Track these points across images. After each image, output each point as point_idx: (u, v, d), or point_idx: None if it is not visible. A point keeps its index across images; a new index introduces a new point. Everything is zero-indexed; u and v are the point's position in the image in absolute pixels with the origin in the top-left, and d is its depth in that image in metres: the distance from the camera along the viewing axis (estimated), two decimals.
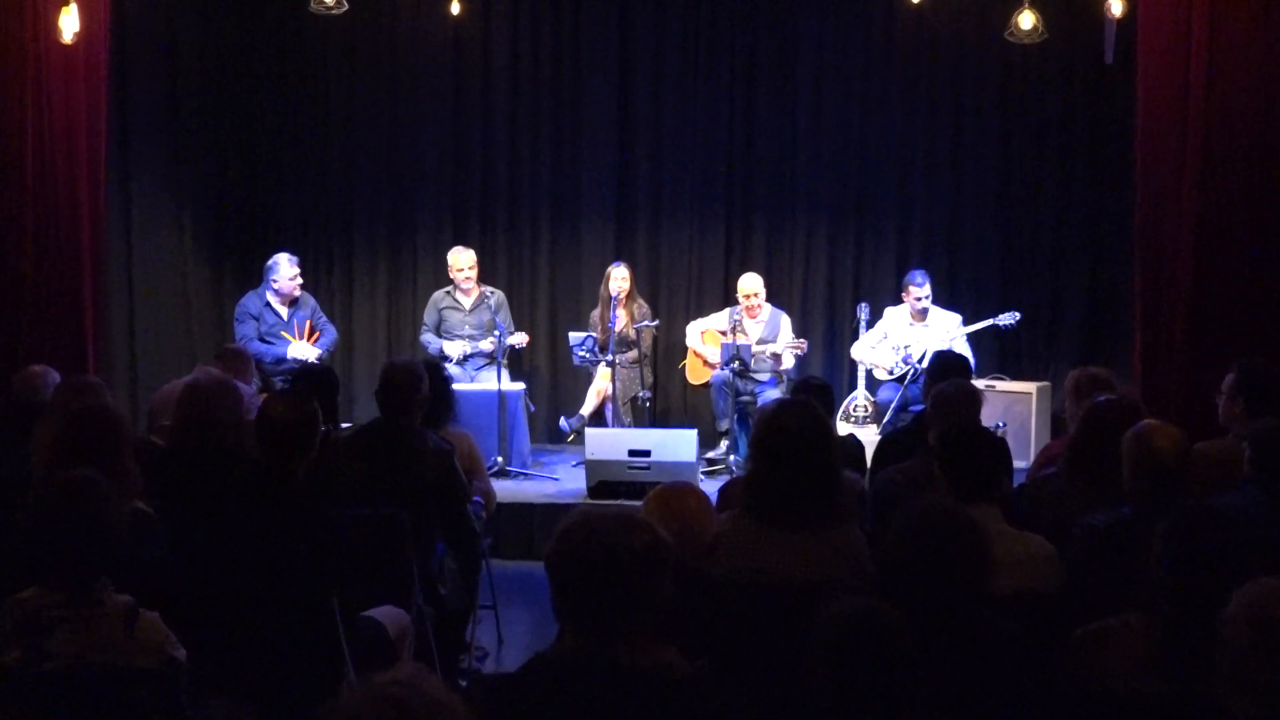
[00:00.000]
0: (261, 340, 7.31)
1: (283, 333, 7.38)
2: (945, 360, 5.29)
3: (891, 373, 7.58)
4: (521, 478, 7.26)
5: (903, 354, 7.55)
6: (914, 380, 7.25)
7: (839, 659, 2.26)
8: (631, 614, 2.11)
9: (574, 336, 7.70)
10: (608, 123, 8.68)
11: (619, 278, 7.83)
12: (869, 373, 7.73)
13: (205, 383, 4.25)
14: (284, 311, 7.44)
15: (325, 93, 8.79)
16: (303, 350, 7.29)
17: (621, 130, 8.71)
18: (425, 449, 4.24)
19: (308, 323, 7.47)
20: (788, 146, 8.63)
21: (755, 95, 8.61)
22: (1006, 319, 7.61)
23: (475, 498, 4.61)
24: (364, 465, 4.12)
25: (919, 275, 7.62)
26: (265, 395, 4.51)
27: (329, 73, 8.78)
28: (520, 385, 7.61)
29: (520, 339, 7.67)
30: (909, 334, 7.62)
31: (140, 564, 3.12)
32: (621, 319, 7.79)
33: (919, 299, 7.56)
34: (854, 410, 7.68)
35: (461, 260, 7.84)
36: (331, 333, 7.71)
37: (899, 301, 7.80)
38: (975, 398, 4.37)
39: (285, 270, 7.39)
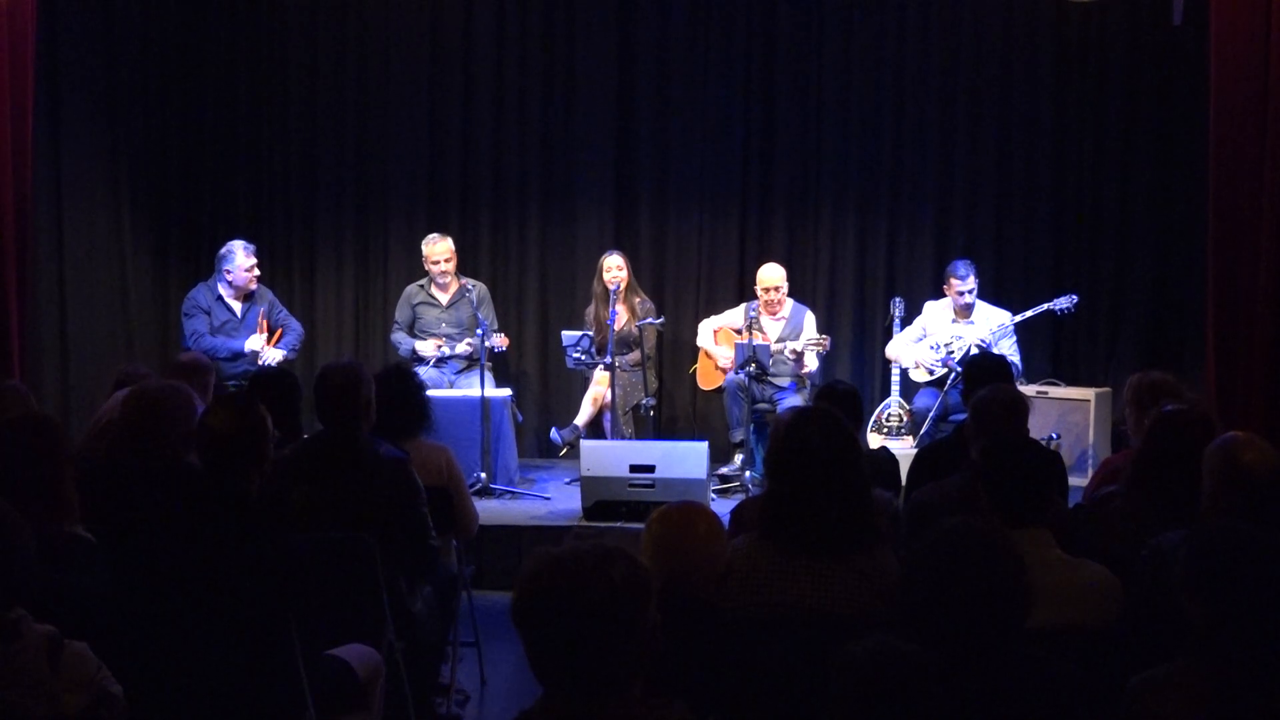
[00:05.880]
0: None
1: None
2: (981, 364, 5.32)
3: (932, 374, 7.58)
4: (508, 497, 7.26)
5: (943, 354, 7.55)
6: (955, 385, 7.26)
7: (855, 706, 2.24)
8: (618, 661, 2.10)
9: (567, 336, 7.70)
10: (606, 91, 8.68)
11: (614, 267, 7.84)
12: (904, 376, 7.74)
13: (151, 388, 4.25)
14: (238, 306, 7.46)
15: (283, 61, 8.80)
16: (259, 344, 7.31)
17: (621, 100, 8.70)
18: (378, 462, 4.24)
19: (264, 320, 7.49)
20: (812, 119, 8.62)
21: (775, 61, 8.61)
22: (1063, 303, 7.62)
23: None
24: (309, 487, 4.10)
25: (963, 266, 7.62)
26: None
27: (287, 39, 8.79)
28: (506, 391, 7.61)
29: (500, 341, 7.66)
30: (951, 331, 7.61)
31: (71, 592, 3.12)
32: (621, 316, 7.79)
33: (963, 293, 7.56)
34: (887, 420, 7.69)
35: (437, 250, 7.85)
36: (296, 328, 7.74)
37: (938, 295, 7.80)
38: (1019, 405, 4.40)
39: (240, 260, 7.41)
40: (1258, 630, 2.44)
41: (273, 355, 7.38)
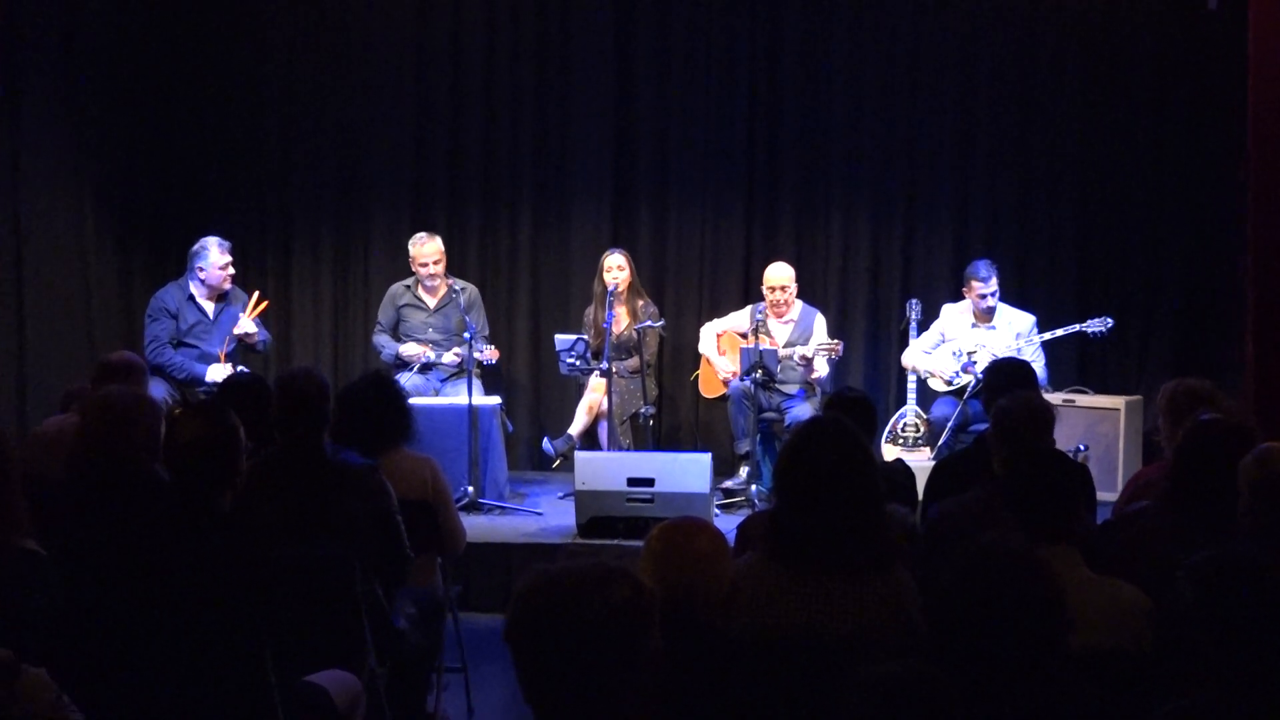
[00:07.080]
0: (182, 344, 7.29)
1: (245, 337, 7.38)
2: (1004, 370, 5.32)
3: (950, 383, 7.57)
4: (497, 512, 7.25)
5: (964, 360, 7.54)
6: (976, 394, 7.24)
7: None
8: (617, 688, 2.08)
9: (561, 340, 7.69)
10: (602, 83, 8.67)
11: (615, 267, 7.83)
12: (921, 384, 7.73)
13: (114, 394, 4.23)
14: (210, 308, 7.43)
15: (259, 49, 8.78)
16: (222, 374, 7.17)
17: (619, 92, 8.69)
18: (345, 471, 4.24)
19: (253, 302, 7.47)
20: (821, 112, 8.61)
21: (781, 51, 8.60)
22: (1096, 325, 7.59)
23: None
24: (280, 503, 4.09)
25: (984, 267, 7.62)
26: (179, 410, 4.50)
27: (264, 26, 8.77)
28: (496, 399, 7.60)
29: (490, 354, 7.62)
30: (972, 336, 7.61)
31: (25, 613, 3.10)
32: (621, 319, 7.78)
33: (984, 295, 7.56)
34: (903, 430, 7.68)
35: (425, 251, 7.84)
36: (264, 336, 7.71)
37: (958, 297, 7.79)
38: (1045, 415, 4.38)
39: (215, 257, 7.39)
40: (1269, 662, 2.42)
41: (247, 327, 7.35)
